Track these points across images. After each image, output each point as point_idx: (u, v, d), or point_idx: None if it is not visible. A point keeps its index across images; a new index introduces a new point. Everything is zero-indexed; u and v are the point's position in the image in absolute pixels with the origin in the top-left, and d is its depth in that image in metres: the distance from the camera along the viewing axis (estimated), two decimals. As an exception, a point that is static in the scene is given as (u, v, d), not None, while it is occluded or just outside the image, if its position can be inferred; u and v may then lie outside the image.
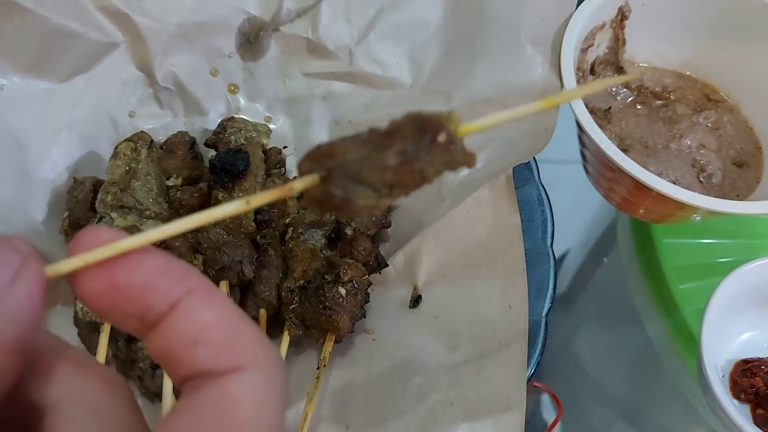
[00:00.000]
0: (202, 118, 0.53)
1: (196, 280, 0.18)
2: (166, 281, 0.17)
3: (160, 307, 0.17)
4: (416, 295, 0.46)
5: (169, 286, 0.17)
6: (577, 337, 0.56)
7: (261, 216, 0.47)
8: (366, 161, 0.20)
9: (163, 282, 0.17)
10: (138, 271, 0.17)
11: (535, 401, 0.51)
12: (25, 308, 0.17)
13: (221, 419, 0.16)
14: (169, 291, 0.17)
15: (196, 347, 0.17)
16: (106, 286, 0.17)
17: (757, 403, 0.45)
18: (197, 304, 0.17)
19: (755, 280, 0.46)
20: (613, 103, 0.51)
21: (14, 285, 0.17)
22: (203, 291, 0.17)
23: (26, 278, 0.17)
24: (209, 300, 0.17)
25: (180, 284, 0.17)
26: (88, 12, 0.47)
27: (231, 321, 0.17)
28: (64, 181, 0.48)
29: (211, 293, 0.17)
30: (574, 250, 0.58)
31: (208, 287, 0.18)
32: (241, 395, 0.16)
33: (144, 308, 0.17)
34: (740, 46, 0.50)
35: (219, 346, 0.17)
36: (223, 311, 0.17)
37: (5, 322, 0.16)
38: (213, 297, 0.17)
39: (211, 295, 0.17)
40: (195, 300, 0.17)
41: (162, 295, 0.17)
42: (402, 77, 0.53)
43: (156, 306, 0.17)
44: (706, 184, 0.48)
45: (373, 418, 0.41)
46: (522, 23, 0.48)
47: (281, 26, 0.54)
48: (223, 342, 0.17)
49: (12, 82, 0.46)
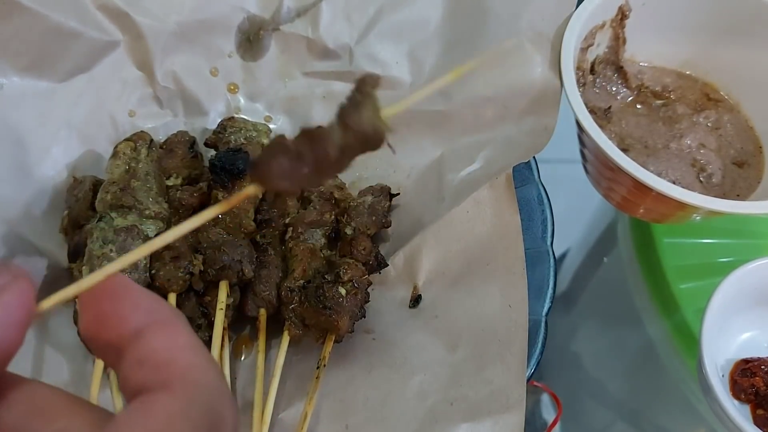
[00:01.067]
0: (202, 117, 0.53)
1: (162, 313, 0.20)
2: (137, 313, 0.19)
3: (128, 337, 0.19)
4: (416, 294, 0.46)
5: (138, 316, 0.19)
6: (577, 337, 0.56)
7: (261, 216, 0.47)
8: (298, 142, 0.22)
9: (134, 314, 0.19)
10: (118, 302, 0.20)
11: (535, 401, 0.51)
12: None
13: (135, 426, 0.17)
14: (137, 321, 0.19)
15: (140, 366, 0.18)
16: (94, 315, 0.20)
17: (757, 403, 0.45)
18: (153, 332, 0.19)
19: (755, 279, 0.46)
20: (613, 103, 0.51)
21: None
22: (163, 322, 0.19)
23: (6, 302, 0.18)
24: (164, 329, 0.19)
25: (147, 316, 0.19)
26: (87, 11, 0.47)
27: (175, 346, 0.19)
28: (63, 179, 0.48)
29: (169, 323, 0.19)
30: (574, 250, 0.58)
31: (169, 319, 0.20)
32: (157, 409, 0.18)
33: (118, 337, 0.19)
34: (740, 46, 0.49)
35: (156, 366, 0.18)
36: (173, 339, 0.19)
37: None
38: (169, 327, 0.19)
39: (168, 325, 0.19)
40: (153, 328, 0.19)
41: (131, 324, 0.19)
42: (402, 76, 0.53)
43: (125, 335, 0.19)
44: (706, 184, 0.47)
45: (373, 417, 0.41)
46: (522, 22, 0.48)
47: (281, 25, 0.54)
48: (161, 364, 0.18)
49: (12, 81, 0.46)
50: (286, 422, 0.42)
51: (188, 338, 0.19)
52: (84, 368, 0.43)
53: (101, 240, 0.42)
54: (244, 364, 0.45)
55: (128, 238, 0.43)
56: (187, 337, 0.19)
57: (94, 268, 0.42)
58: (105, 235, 0.43)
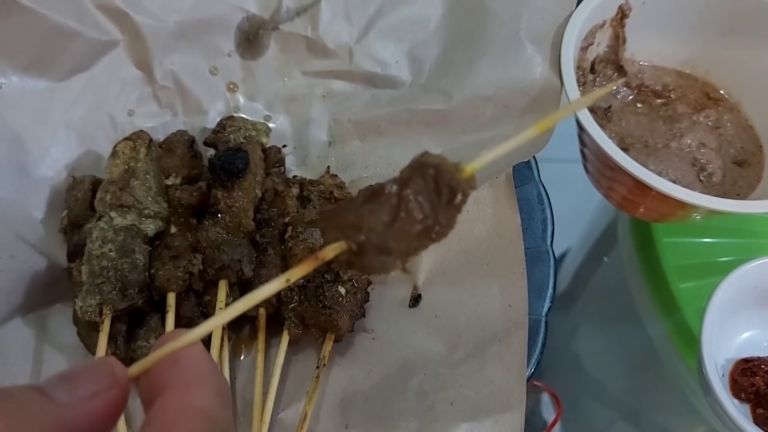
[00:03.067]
0: (202, 116, 0.53)
1: (189, 376, 0.22)
2: (170, 370, 0.22)
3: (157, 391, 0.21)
4: (416, 294, 0.46)
5: (170, 375, 0.22)
6: (577, 336, 0.56)
7: (260, 215, 0.47)
8: (390, 232, 0.21)
9: (168, 371, 0.22)
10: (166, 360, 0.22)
11: (535, 400, 0.51)
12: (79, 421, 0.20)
13: None
14: (168, 378, 0.22)
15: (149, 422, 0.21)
16: None
17: (757, 403, 0.45)
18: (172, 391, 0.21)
19: (756, 279, 0.45)
20: (613, 102, 0.51)
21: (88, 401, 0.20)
22: (187, 383, 0.21)
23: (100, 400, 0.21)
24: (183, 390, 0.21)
25: (178, 376, 0.22)
26: (87, 10, 0.47)
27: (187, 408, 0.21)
28: (63, 179, 0.48)
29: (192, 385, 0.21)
30: (574, 249, 0.58)
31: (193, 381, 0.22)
32: None
33: (149, 390, 0.22)
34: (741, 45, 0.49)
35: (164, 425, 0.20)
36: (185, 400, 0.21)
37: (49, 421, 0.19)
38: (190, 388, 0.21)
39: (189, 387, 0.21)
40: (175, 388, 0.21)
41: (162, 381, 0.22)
42: (402, 75, 0.53)
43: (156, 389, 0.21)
44: (706, 183, 0.47)
45: (373, 417, 0.41)
46: (522, 21, 0.48)
47: (281, 25, 0.54)
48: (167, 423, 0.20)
49: (11, 80, 0.46)
50: (286, 422, 0.42)
51: (203, 402, 0.21)
52: (83, 368, 0.43)
53: (101, 239, 0.42)
54: (244, 364, 0.45)
55: (128, 237, 0.43)
56: (201, 401, 0.21)
57: (93, 267, 0.42)
58: (104, 234, 0.43)
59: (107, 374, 0.21)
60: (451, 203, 0.23)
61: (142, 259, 0.43)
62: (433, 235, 0.23)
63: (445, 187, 0.23)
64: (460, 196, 0.23)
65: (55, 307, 0.45)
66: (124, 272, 0.42)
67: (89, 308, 0.41)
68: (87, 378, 0.21)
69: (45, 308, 0.45)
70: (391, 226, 0.22)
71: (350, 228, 0.22)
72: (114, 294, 0.41)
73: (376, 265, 0.22)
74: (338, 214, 0.23)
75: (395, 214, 0.22)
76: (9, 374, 0.42)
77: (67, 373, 0.21)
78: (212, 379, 0.22)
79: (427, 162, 0.23)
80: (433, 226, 0.22)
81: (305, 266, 0.23)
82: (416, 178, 0.23)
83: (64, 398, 0.20)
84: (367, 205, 0.22)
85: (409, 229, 0.22)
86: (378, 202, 0.22)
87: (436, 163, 0.23)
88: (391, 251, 0.22)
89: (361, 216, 0.22)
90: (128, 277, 0.42)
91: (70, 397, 0.20)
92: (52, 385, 0.20)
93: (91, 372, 0.21)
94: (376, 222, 0.22)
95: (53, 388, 0.20)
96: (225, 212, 0.45)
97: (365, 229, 0.22)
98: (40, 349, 0.44)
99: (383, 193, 0.23)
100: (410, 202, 0.22)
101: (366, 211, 0.22)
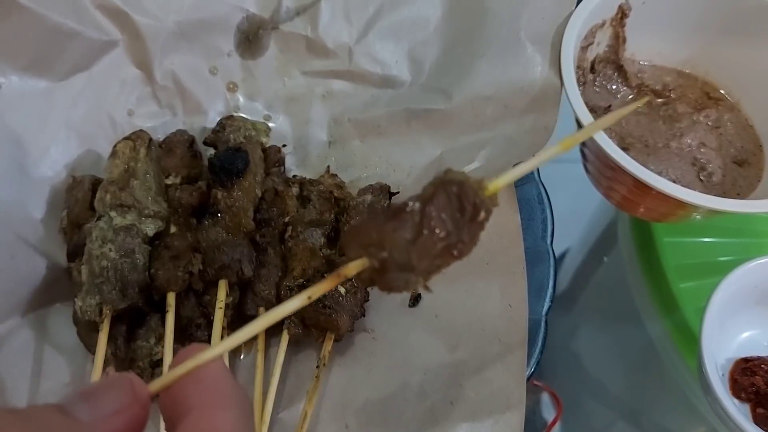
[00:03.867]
0: (201, 116, 0.53)
1: (213, 397, 0.22)
2: (194, 390, 0.22)
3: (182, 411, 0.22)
4: (416, 294, 0.46)
5: (194, 395, 0.22)
6: (577, 336, 0.56)
7: (260, 215, 0.47)
8: (413, 250, 0.21)
9: (193, 391, 0.22)
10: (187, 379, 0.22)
11: (535, 400, 0.50)
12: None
13: None
14: (193, 399, 0.22)
15: None
16: None
17: (757, 402, 0.45)
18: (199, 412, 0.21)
19: (756, 278, 0.45)
20: (613, 102, 0.51)
21: (110, 419, 0.20)
22: (212, 405, 0.21)
23: (122, 418, 0.21)
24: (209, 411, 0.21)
25: (201, 397, 0.22)
26: (86, 10, 0.47)
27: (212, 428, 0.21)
28: (62, 179, 0.48)
29: (218, 407, 0.21)
30: (574, 249, 0.58)
31: (218, 402, 0.22)
32: None
33: (173, 410, 0.22)
34: (741, 45, 0.49)
35: None
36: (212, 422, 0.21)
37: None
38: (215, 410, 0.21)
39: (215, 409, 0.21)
40: (200, 409, 0.21)
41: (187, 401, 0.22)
42: (402, 75, 0.53)
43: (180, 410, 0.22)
44: (706, 183, 0.47)
45: (373, 417, 0.41)
46: (522, 21, 0.48)
47: (280, 24, 0.54)
48: None
49: (10, 81, 0.46)
50: (286, 421, 0.42)
51: (228, 426, 0.21)
52: (83, 369, 0.43)
53: (100, 239, 0.42)
54: (244, 364, 0.45)
55: (127, 237, 0.43)
56: (226, 424, 0.21)
57: (93, 267, 0.42)
58: (104, 234, 0.43)
59: (128, 392, 0.21)
60: (474, 221, 0.23)
61: (141, 259, 0.43)
62: (456, 253, 0.23)
63: (469, 204, 0.23)
64: (484, 213, 0.23)
65: (54, 307, 0.45)
66: (124, 272, 0.42)
67: (89, 308, 0.41)
68: (108, 396, 0.21)
69: (45, 308, 0.45)
70: (413, 244, 0.22)
71: (373, 245, 0.22)
72: (114, 294, 0.41)
73: (399, 283, 0.22)
74: (361, 232, 0.23)
75: (418, 232, 0.22)
76: (9, 374, 0.42)
77: (88, 390, 0.21)
78: (236, 400, 0.22)
79: (450, 179, 0.23)
80: (455, 244, 0.22)
81: (328, 283, 0.23)
82: (439, 195, 0.23)
83: (86, 417, 0.20)
84: (390, 223, 0.22)
85: (432, 247, 0.22)
86: (401, 220, 0.22)
87: (460, 180, 0.23)
88: (414, 269, 0.22)
89: (383, 233, 0.22)
90: (128, 277, 0.42)
91: (92, 416, 0.20)
92: (73, 404, 0.20)
93: (111, 389, 0.21)
94: (398, 239, 0.22)
95: (75, 407, 0.20)
96: (225, 212, 0.45)
97: (388, 247, 0.22)
98: (39, 349, 0.44)
99: (406, 211, 0.23)
100: (433, 220, 0.22)
101: (389, 228, 0.22)
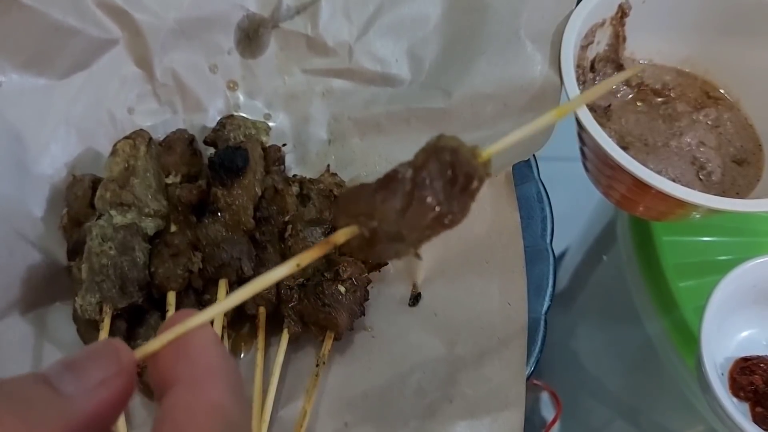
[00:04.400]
0: (201, 114, 0.53)
1: (199, 369, 0.21)
2: (180, 363, 0.21)
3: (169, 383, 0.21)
4: (415, 292, 0.46)
5: (179, 368, 0.21)
6: (576, 335, 0.56)
7: (260, 213, 0.47)
8: (403, 221, 0.21)
9: (178, 364, 0.21)
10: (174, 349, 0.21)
11: (535, 399, 0.51)
12: (88, 414, 0.19)
13: None
14: (178, 371, 0.21)
15: (161, 422, 0.20)
16: None
17: (756, 401, 0.45)
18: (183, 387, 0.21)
19: (755, 278, 0.46)
20: (613, 101, 0.51)
21: (95, 390, 0.19)
22: (196, 378, 0.21)
23: (108, 389, 0.20)
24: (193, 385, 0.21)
25: (187, 369, 0.21)
26: (86, 8, 0.47)
27: (196, 405, 0.20)
28: (62, 177, 0.48)
29: (201, 380, 0.21)
30: (574, 248, 0.58)
31: (203, 375, 0.21)
32: None
33: (161, 381, 0.21)
34: (740, 44, 0.49)
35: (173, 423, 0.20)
36: (196, 396, 0.20)
37: (58, 418, 0.19)
38: (199, 384, 0.21)
39: (198, 382, 0.21)
40: (184, 383, 0.21)
41: (173, 373, 0.21)
42: (401, 74, 0.53)
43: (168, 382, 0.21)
44: (705, 182, 0.47)
45: (372, 415, 0.41)
46: (522, 20, 0.48)
47: (280, 23, 0.54)
48: (175, 420, 0.20)
49: (10, 78, 0.46)
50: (286, 419, 0.42)
51: (215, 399, 0.20)
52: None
53: (100, 237, 0.42)
54: (244, 362, 0.45)
55: (127, 235, 0.43)
56: (213, 398, 0.20)
57: (93, 265, 0.42)
58: (104, 232, 0.43)
59: (114, 361, 0.20)
60: (467, 190, 0.22)
61: (142, 257, 0.43)
62: (447, 222, 0.22)
63: (462, 173, 0.22)
64: (476, 182, 0.22)
65: (54, 305, 0.45)
66: (124, 270, 0.42)
67: (89, 306, 0.41)
68: (93, 365, 0.20)
69: (44, 306, 0.45)
70: (403, 215, 0.21)
71: (363, 215, 0.22)
72: (114, 292, 0.41)
73: (389, 252, 0.22)
74: (351, 200, 0.22)
75: (408, 202, 0.21)
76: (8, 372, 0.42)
77: (72, 360, 0.20)
78: (225, 373, 0.21)
79: (443, 146, 0.22)
80: (447, 214, 0.22)
81: (316, 250, 0.22)
82: (431, 162, 0.22)
83: (70, 390, 0.19)
84: (380, 192, 0.22)
85: (423, 217, 0.21)
86: (391, 189, 0.22)
87: (453, 147, 0.22)
88: (404, 238, 0.22)
89: (374, 203, 0.22)
90: (128, 275, 0.42)
91: (76, 388, 0.19)
92: (57, 375, 0.19)
93: (97, 359, 0.20)
94: (389, 210, 0.22)
95: (59, 378, 0.19)
96: (225, 210, 0.45)
97: (378, 217, 0.21)
98: (39, 347, 0.44)
99: (397, 179, 0.22)
100: (424, 189, 0.21)
101: (379, 198, 0.22)
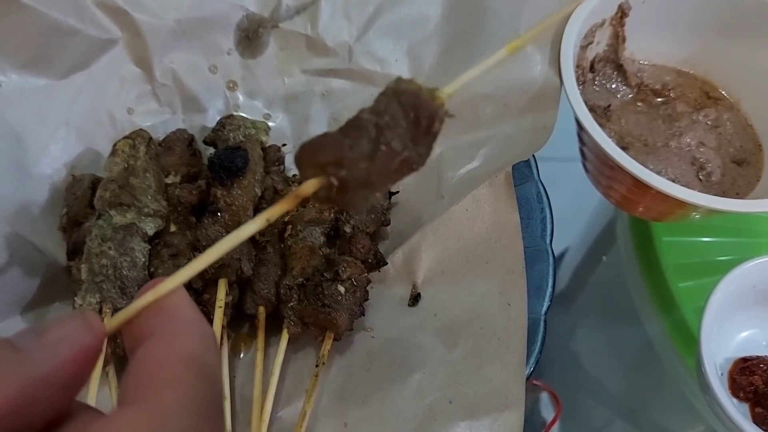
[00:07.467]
0: (201, 115, 0.53)
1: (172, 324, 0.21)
2: (153, 319, 0.21)
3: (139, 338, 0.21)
4: (415, 292, 0.46)
5: (152, 322, 0.21)
6: (576, 336, 0.56)
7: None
8: (373, 167, 0.21)
9: (151, 319, 0.21)
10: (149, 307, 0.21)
11: (534, 399, 0.51)
12: (49, 370, 0.19)
13: None
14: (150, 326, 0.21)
15: (133, 373, 0.20)
16: None
17: (755, 402, 0.45)
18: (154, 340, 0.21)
19: (755, 278, 0.46)
20: (612, 101, 0.51)
21: (56, 345, 0.19)
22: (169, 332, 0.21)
23: (70, 346, 0.20)
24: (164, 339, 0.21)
25: (160, 323, 0.21)
26: (86, 8, 0.47)
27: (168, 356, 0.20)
28: (62, 177, 0.48)
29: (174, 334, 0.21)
30: (574, 248, 0.58)
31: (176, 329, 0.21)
32: None
33: (132, 337, 0.21)
34: (740, 44, 0.49)
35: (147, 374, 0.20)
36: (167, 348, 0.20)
37: (18, 374, 0.18)
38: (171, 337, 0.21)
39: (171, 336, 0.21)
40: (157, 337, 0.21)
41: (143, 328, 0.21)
42: (401, 74, 0.52)
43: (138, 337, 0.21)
44: (705, 182, 0.47)
45: (372, 415, 0.41)
46: (522, 20, 0.47)
47: (280, 23, 0.54)
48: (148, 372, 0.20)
49: (10, 78, 0.46)
50: (285, 420, 0.42)
51: (186, 350, 0.20)
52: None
53: (100, 238, 0.42)
54: (243, 362, 0.45)
55: (127, 235, 0.43)
56: (185, 348, 0.20)
57: (92, 266, 0.42)
58: (104, 232, 0.43)
59: (79, 322, 0.20)
60: (430, 132, 0.22)
61: (141, 257, 0.43)
62: (414, 166, 0.22)
63: (424, 115, 0.22)
64: (438, 123, 0.22)
65: (54, 305, 0.45)
66: (124, 270, 0.42)
67: (89, 306, 0.41)
68: (55, 326, 0.20)
69: (44, 306, 0.45)
70: (372, 161, 0.21)
71: (331, 164, 0.21)
72: (113, 292, 0.41)
73: (357, 200, 0.22)
74: (316, 149, 0.22)
75: (375, 148, 0.21)
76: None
77: (39, 326, 0.20)
78: (197, 327, 0.21)
79: (403, 90, 0.22)
80: (413, 157, 0.22)
81: (284, 203, 0.22)
82: (394, 107, 0.22)
83: (30, 346, 0.19)
84: (346, 140, 0.21)
85: (391, 161, 0.21)
86: (357, 136, 0.21)
87: (413, 90, 0.22)
88: (374, 185, 0.21)
89: (341, 151, 0.21)
90: (128, 276, 0.42)
91: (36, 345, 0.19)
92: (23, 338, 0.19)
93: (63, 322, 0.20)
94: (357, 157, 0.21)
95: (24, 341, 0.19)
96: (224, 210, 0.45)
97: (346, 165, 0.21)
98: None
99: (362, 126, 0.22)
100: (390, 134, 0.21)
101: (346, 145, 0.21)
